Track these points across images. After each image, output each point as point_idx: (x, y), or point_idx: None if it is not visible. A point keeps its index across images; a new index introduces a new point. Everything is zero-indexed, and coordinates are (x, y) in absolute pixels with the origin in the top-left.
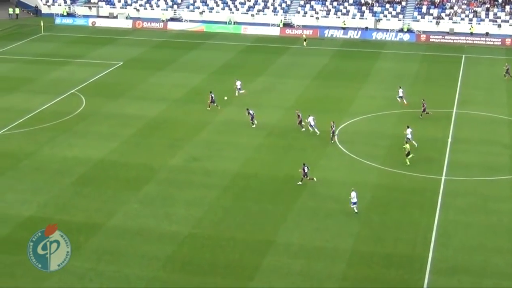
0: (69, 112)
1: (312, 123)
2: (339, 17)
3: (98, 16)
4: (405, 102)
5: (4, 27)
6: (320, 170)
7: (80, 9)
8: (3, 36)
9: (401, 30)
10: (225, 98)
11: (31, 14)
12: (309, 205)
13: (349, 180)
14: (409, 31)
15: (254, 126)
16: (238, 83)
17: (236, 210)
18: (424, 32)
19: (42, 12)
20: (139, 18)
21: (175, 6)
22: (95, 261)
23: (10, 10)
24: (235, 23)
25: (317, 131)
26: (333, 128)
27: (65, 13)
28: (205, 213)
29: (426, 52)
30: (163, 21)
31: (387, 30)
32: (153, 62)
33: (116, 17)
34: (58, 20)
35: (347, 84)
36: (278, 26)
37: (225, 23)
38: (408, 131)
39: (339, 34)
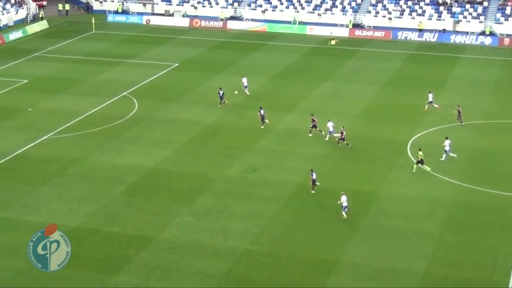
0: (120, 116)
1: (331, 130)
2: (414, 18)
3: (153, 14)
4: (436, 106)
5: (53, 24)
6: (389, 185)
7: (134, 6)
8: (51, 34)
9: (483, 33)
10: (236, 92)
11: (82, 10)
12: (377, 222)
13: (422, 196)
14: (491, 34)
15: (262, 127)
16: (244, 80)
17: (297, 225)
18: (507, 35)
19: (94, 8)
20: (196, 16)
21: (235, 4)
22: (145, 276)
23: (60, 6)
24: (300, 23)
25: (333, 135)
26: (343, 135)
27: (118, 10)
28: (264, 228)
29: (509, 57)
30: (222, 19)
31: (466, 33)
32: (210, 64)
33: (172, 15)
34: (110, 18)
35: (421, 92)
36: (347, 26)
37: (289, 22)
38: (447, 142)
39: (413, 36)
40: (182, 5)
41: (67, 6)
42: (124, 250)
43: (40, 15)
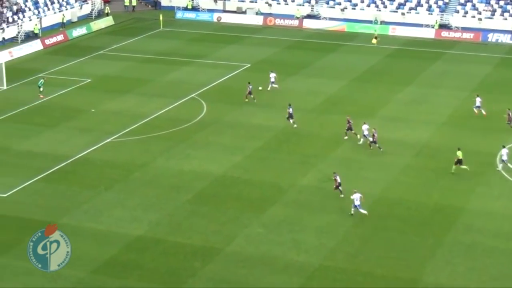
0: (188, 119)
1: (366, 133)
2: (506, 19)
3: (224, 11)
4: (484, 113)
5: (119, 21)
6: (477, 199)
7: (204, 3)
8: (117, 31)
9: None
10: (260, 88)
11: (149, 6)
12: (463, 240)
13: None
14: None
15: (295, 126)
16: (272, 76)
17: (375, 241)
18: None
19: (162, 4)
20: (270, 14)
21: (312, 2)
22: None
23: (126, 2)
24: (382, 22)
25: (369, 140)
26: (375, 137)
27: (188, 7)
28: (339, 242)
29: None
30: (298, 18)
31: None
32: (285, 65)
33: (244, 12)
34: (179, 14)
35: None
36: (433, 27)
37: (370, 22)
38: (504, 151)
39: (505, 38)
40: (256, 2)
41: (134, 2)
42: (189, 262)
43: (106, 11)
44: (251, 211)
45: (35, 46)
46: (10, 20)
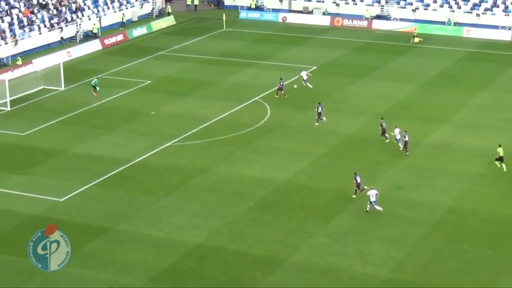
0: (251, 123)
1: (398, 137)
2: None
3: (290, 11)
4: None
5: (180, 20)
6: None
7: (269, 2)
8: (178, 31)
9: None
10: (295, 86)
11: (212, 6)
12: None
13: None
14: None
15: (316, 124)
16: (304, 74)
17: (446, 253)
18: None
19: (225, 4)
20: (338, 15)
21: (382, 2)
22: None
23: (188, 1)
24: (455, 24)
25: (400, 146)
26: (406, 138)
27: (252, 6)
28: (408, 254)
29: None
30: (367, 18)
31: None
32: (352, 68)
33: (311, 12)
34: (243, 14)
35: None
36: (510, 29)
37: (443, 23)
38: None
39: None
40: (323, 2)
41: (196, 1)
42: (250, 271)
43: (167, 10)
44: (315, 220)
45: (94, 46)
46: (69, 19)
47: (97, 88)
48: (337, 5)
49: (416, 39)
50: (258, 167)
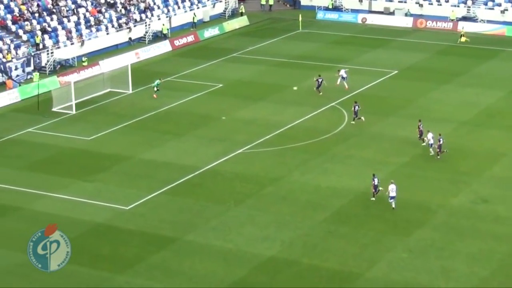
0: (327, 130)
1: (431, 142)
2: None
3: (370, 11)
4: None
5: (254, 21)
6: None
7: (348, 2)
8: (252, 32)
9: None
10: (295, 88)
11: (288, 6)
12: None
13: None
14: None
15: (353, 122)
16: (343, 72)
17: None
18: None
19: (301, 4)
20: (421, 16)
21: (468, 2)
22: None
23: (263, 1)
24: None
25: (431, 151)
26: (440, 142)
27: (330, 6)
28: (494, 272)
29: None
30: (452, 20)
31: None
32: (436, 72)
33: (392, 13)
34: (320, 15)
35: None
36: None
37: None
38: None
39: None
40: (405, 2)
41: (271, 1)
42: (325, 286)
43: (240, 10)
44: (395, 234)
45: (163, 47)
46: (138, 19)
47: (158, 90)
48: (421, 5)
49: (463, 39)
50: (334, 176)
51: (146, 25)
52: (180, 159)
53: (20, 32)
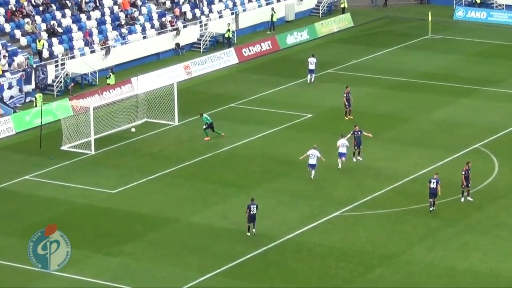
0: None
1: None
2: None
3: None
4: None
5: (361, 21)
6: None
7: None
8: (357, 37)
9: None
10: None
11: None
12: None
13: None
14: None
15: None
16: None
17: None
18: None
19: None
20: None
21: None
22: None
23: None
24: None
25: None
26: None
27: (475, 1)
28: None
29: None
30: None
31: None
32: None
33: None
34: (459, 13)
35: None
36: None
37: None
38: None
39: None
40: None
41: None
42: None
43: (341, 5)
44: None
45: (227, 58)
46: (189, 16)
47: (209, 128)
48: None
49: None
50: (477, 254)
51: (201, 26)
52: (241, 221)
53: (17, 33)
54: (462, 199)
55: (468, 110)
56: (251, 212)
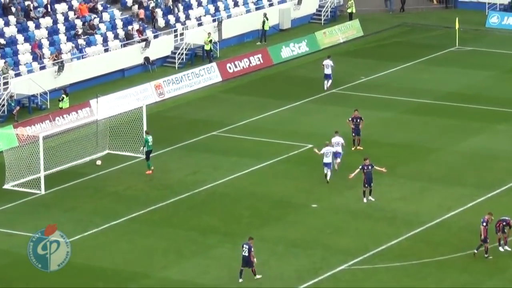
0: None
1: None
2: None
3: None
4: None
5: (372, 30)
6: None
7: None
8: (368, 50)
9: None
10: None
11: (435, 2)
12: None
13: None
14: None
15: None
16: None
17: None
18: None
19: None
20: None
21: None
22: None
23: None
24: None
25: None
26: None
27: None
28: None
29: None
30: None
31: None
32: None
33: None
34: (493, 19)
35: None
36: None
37: None
38: None
39: None
40: None
41: None
42: None
43: (349, 10)
44: None
45: (208, 76)
46: (161, 24)
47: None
48: None
49: None
50: None
51: (176, 36)
52: (233, 280)
53: None
54: (501, 248)
55: (504, 138)
56: (243, 253)
